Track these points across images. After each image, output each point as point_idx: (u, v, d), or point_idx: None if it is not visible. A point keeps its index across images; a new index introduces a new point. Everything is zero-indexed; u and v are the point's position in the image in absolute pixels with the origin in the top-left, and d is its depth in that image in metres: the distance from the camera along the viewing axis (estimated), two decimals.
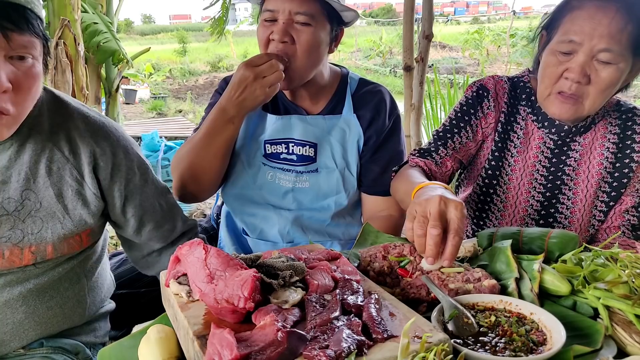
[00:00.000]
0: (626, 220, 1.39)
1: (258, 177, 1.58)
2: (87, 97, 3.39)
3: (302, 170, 1.56)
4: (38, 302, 1.18)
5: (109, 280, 1.42)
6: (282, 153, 1.56)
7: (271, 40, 1.40)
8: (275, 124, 1.56)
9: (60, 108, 1.19)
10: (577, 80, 1.22)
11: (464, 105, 1.46)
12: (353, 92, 1.58)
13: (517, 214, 1.45)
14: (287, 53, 1.39)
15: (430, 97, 4.04)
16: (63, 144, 1.16)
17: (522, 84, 1.46)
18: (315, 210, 1.57)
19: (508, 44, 13.62)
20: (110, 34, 4.66)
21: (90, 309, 1.31)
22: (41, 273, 1.17)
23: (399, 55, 16.68)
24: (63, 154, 1.16)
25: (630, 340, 0.79)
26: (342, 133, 1.55)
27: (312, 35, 1.39)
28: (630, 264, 0.89)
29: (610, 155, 1.38)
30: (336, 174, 1.55)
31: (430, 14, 3.04)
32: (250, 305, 0.75)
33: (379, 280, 0.98)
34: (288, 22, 1.38)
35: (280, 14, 1.38)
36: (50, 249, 1.15)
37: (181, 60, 19.22)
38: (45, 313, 1.19)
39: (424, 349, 0.67)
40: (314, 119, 1.55)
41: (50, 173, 1.14)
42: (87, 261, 1.28)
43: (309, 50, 1.40)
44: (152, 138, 4.54)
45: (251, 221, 1.61)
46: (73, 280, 1.24)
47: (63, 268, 1.21)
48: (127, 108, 11.39)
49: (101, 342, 1.39)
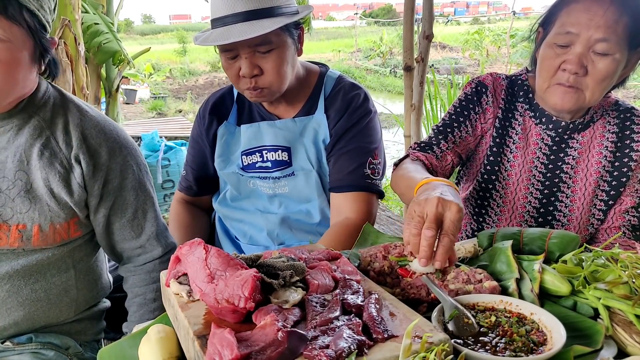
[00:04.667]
0: (626, 221, 1.40)
1: (241, 189, 1.62)
2: (87, 96, 3.39)
3: (279, 176, 1.56)
4: (22, 282, 1.22)
5: (104, 280, 1.42)
6: (258, 162, 1.57)
7: (241, 77, 1.41)
8: (247, 132, 1.58)
9: (65, 102, 1.26)
10: (574, 71, 1.23)
11: (462, 101, 1.47)
12: (328, 92, 1.57)
13: (516, 210, 1.45)
14: (258, 84, 1.41)
15: (430, 98, 4.04)
16: (59, 134, 1.22)
17: (519, 81, 1.47)
18: (301, 213, 1.58)
19: (508, 45, 13.63)
20: (111, 35, 4.66)
21: (79, 304, 1.33)
22: (29, 254, 1.21)
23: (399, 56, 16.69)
24: (57, 142, 1.22)
25: (631, 340, 0.79)
26: (314, 134, 1.55)
27: (277, 58, 1.40)
28: (630, 264, 0.88)
29: (608, 154, 1.39)
30: (314, 175, 1.55)
31: (431, 14, 3.04)
32: (250, 305, 0.75)
33: (379, 280, 0.98)
34: (250, 56, 1.38)
35: (240, 50, 1.37)
36: (36, 230, 1.19)
37: (181, 60, 19.23)
38: (29, 295, 1.23)
39: (424, 349, 0.67)
40: (283, 123, 1.55)
41: (42, 157, 1.19)
42: (76, 252, 1.30)
43: (278, 72, 1.41)
44: (152, 138, 4.53)
45: (240, 227, 1.65)
46: (61, 269, 1.27)
47: (52, 253, 1.24)
48: (127, 108, 11.40)
49: (95, 340, 1.41)
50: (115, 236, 1.32)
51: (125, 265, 1.38)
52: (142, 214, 1.33)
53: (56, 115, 1.24)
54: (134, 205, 1.31)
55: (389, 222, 4.15)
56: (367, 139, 1.53)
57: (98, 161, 1.24)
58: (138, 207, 1.32)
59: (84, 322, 1.37)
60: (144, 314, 1.33)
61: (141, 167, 1.34)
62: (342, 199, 1.51)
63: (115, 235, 1.32)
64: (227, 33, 1.34)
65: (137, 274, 1.36)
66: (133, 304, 1.36)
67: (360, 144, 1.52)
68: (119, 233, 1.32)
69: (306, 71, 1.59)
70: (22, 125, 1.19)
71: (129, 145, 1.32)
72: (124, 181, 1.29)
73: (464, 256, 1.09)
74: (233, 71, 1.42)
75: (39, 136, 1.20)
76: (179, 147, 4.51)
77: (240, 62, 1.39)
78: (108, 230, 1.31)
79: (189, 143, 1.73)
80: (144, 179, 1.34)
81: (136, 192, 1.31)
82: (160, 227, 1.37)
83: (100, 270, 1.41)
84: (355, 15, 38.53)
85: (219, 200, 1.67)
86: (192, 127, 1.72)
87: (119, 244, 1.34)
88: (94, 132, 1.25)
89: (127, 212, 1.31)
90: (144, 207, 1.33)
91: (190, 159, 1.70)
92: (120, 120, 4.93)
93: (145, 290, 1.35)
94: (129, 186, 1.30)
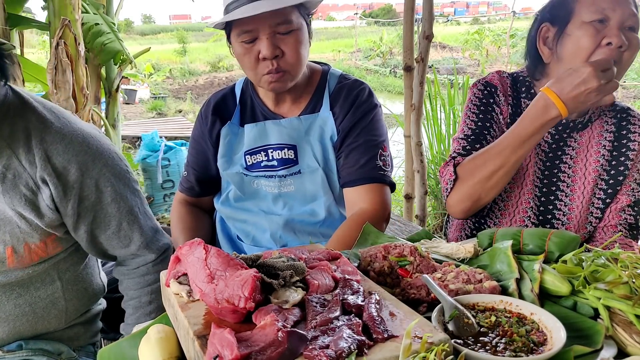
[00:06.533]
0: (623, 219, 1.42)
1: (244, 189, 1.61)
2: (87, 97, 3.38)
3: (285, 174, 1.56)
4: (4, 298, 1.16)
5: (96, 285, 1.38)
6: (263, 161, 1.56)
7: (261, 60, 1.38)
8: (252, 132, 1.57)
9: (25, 112, 1.12)
10: (619, 44, 1.24)
11: (480, 107, 1.46)
12: (332, 89, 1.57)
13: (518, 208, 1.46)
14: (280, 66, 1.38)
15: (430, 98, 4.03)
16: (21, 152, 1.10)
17: (521, 78, 1.49)
18: (306, 214, 1.57)
19: (508, 45, 13.62)
20: (113, 35, 4.66)
21: (69, 313, 1.28)
22: (8, 272, 1.14)
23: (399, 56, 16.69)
24: (20, 162, 1.10)
25: (631, 340, 0.79)
26: (320, 131, 1.54)
27: (297, 39, 1.39)
28: (630, 264, 0.88)
29: (606, 153, 1.41)
30: (320, 173, 1.54)
31: (431, 14, 3.04)
32: (250, 305, 0.75)
33: (379, 280, 0.98)
34: (271, 36, 1.35)
35: (260, 31, 1.35)
36: (9, 252, 1.11)
37: (181, 60, 19.24)
38: (13, 310, 1.17)
39: (424, 349, 0.67)
40: (288, 122, 1.55)
41: (4, 180, 1.09)
42: (61, 264, 1.24)
43: (298, 53, 1.40)
44: (152, 138, 4.53)
45: (243, 228, 1.64)
46: (45, 282, 1.21)
47: (32, 269, 1.17)
48: (127, 108, 11.40)
49: (90, 343, 1.37)
50: (103, 246, 1.26)
51: (119, 267, 1.34)
52: (127, 225, 1.25)
53: (16, 129, 1.09)
54: (116, 218, 1.23)
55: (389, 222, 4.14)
56: (376, 132, 1.54)
57: (68, 180, 1.13)
58: (122, 219, 1.23)
59: (77, 327, 1.32)
60: (140, 316, 1.30)
61: (120, 176, 1.24)
62: (356, 193, 1.50)
63: (103, 245, 1.26)
64: (253, 7, 1.30)
65: (130, 277, 1.32)
66: (128, 306, 1.33)
67: (369, 137, 1.52)
68: (107, 243, 1.25)
69: (309, 69, 1.59)
70: None
71: (104, 154, 1.20)
72: (102, 195, 1.20)
73: (464, 256, 1.09)
74: (252, 56, 1.38)
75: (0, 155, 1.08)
76: (179, 147, 4.51)
77: (259, 44, 1.36)
78: (94, 242, 1.24)
79: (189, 144, 1.71)
80: (125, 189, 1.25)
81: (117, 204, 1.22)
82: (149, 235, 1.30)
83: (91, 276, 1.35)
84: (355, 15, 38.56)
85: (222, 200, 1.67)
86: (193, 127, 1.71)
87: (110, 251, 1.28)
88: (60, 148, 1.12)
89: (111, 225, 1.23)
90: (129, 218, 1.25)
91: (192, 159, 1.69)
92: (120, 121, 4.92)
93: (140, 293, 1.31)
94: (109, 199, 1.21)
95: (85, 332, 1.35)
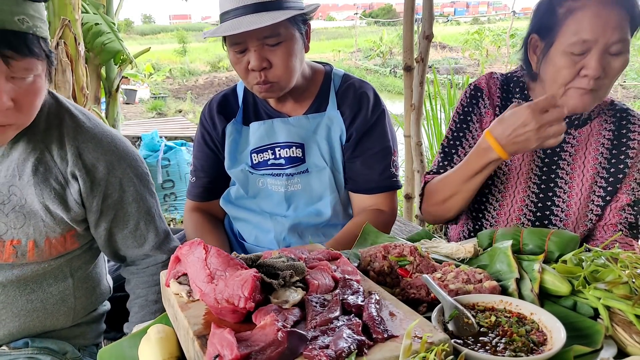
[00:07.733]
0: (623, 218, 1.42)
1: (249, 188, 1.60)
2: (87, 97, 3.39)
3: (292, 172, 1.55)
4: (18, 293, 1.19)
5: (104, 285, 1.41)
6: (270, 159, 1.56)
7: (250, 71, 1.40)
8: (259, 130, 1.57)
9: (60, 111, 1.21)
10: (597, 76, 1.24)
11: (460, 114, 1.50)
12: (337, 88, 1.58)
13: (515, 204, 1.46)
14: (267, 78, 1.40)
15: (430, 98, 4.03)
16: (53, 147, 1.17)
17: (515, 78, 1.49)
18: (312, 215, 1.57)
19: (508, 45, 13.63)
20: (113, 34, 4.67)
21: (77, 312, 1.31)
22: (24, 265, 1.18)
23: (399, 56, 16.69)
24: (52, 156, 1.17)
25: (631, 340, 0.79)
26: (327, 130, 1.55)
27: (286, 51, 1.39)
28: (630, 264, 0.89)
29: (605, 151, 1.42)
30: (327, 172, 1.55)
31: (431, 14, 3.04)
32: (250, 305, 0.75)
33: (379, 280, 0.98)
34: (259, 49, 1.37)
35: (249, 43, 1.37)
36: (31, 246, 1.16)
37: (181, 60, 19.23)
38: (25, 305, 1.20)
39: (424, 349, 0.67)
40: (296, 120, 1.55)
41: (36, 172, 1.15)
42: (74, 261, 1.28)
43: (287, 65, 1.40)
44: (152, 138, 4.53)
45: (246, 227, 1.64)
46: (58, 278, 1.25)
47: (48, 264, 1.21)
48: (127, 108, 11.40)
49: (94, 344, 1.39)
50: (118, 245, 1.31)
51: (129, 267, 1.37)
52: (144, 225, 1.30)
53: (51, 127, 1.18)
54: (135, 217, 1.29)
55: None
56: (388, 137, 1.58)
57: (96, 177, 1.20)
58: (140, 219, 1.29)
59: (83, 326, 1.35)
60: (145, 315, 1.32)
61: (142, 177, 1.31)
62: (369, 199, 1.57)
63: (118, 244, 1.31)
64: (237, 24, 1.33)
65: (140, 276, 1.35)
66: (135, 305, 1.35)
67: (384, 144, 1.56)
68: (121, 242, 1.30)
69: (311, 69, 1.59)
70: (16, 138, 1.14)
71: (129, 155, 1.28)
72: (124, 194, 1.26)
73: (463, 256, 1.09)
74: (242, 66, 1.41)
75: (32, 150, 1.15)
76: (178, 147, 4.51)
77: (248, 55, 1.38)
78: (110, 240, 1.29)
79: (194, 150, 1.70)
80: (145, 190, 1.31)
81: (137, 204, 1.28)
82: (162, 236, 1.35)
83: (100, 276, 1.39)
84: (355, 15, 38.53)
85: (223, 196, 1.66)
86: (196, 132, 1.69)
87: (122, 251, 1.32)
88: (91, 146, 1.20)
89: (129, 224, 1.28)
90: (146, 218, 1.31)
91: (199, 165, 1.67)
92: (120, 120, 4.92)
93: (147, 292, 1.34)
94: (130, 199, 1.27)
95: (90, 331, 1.37)
